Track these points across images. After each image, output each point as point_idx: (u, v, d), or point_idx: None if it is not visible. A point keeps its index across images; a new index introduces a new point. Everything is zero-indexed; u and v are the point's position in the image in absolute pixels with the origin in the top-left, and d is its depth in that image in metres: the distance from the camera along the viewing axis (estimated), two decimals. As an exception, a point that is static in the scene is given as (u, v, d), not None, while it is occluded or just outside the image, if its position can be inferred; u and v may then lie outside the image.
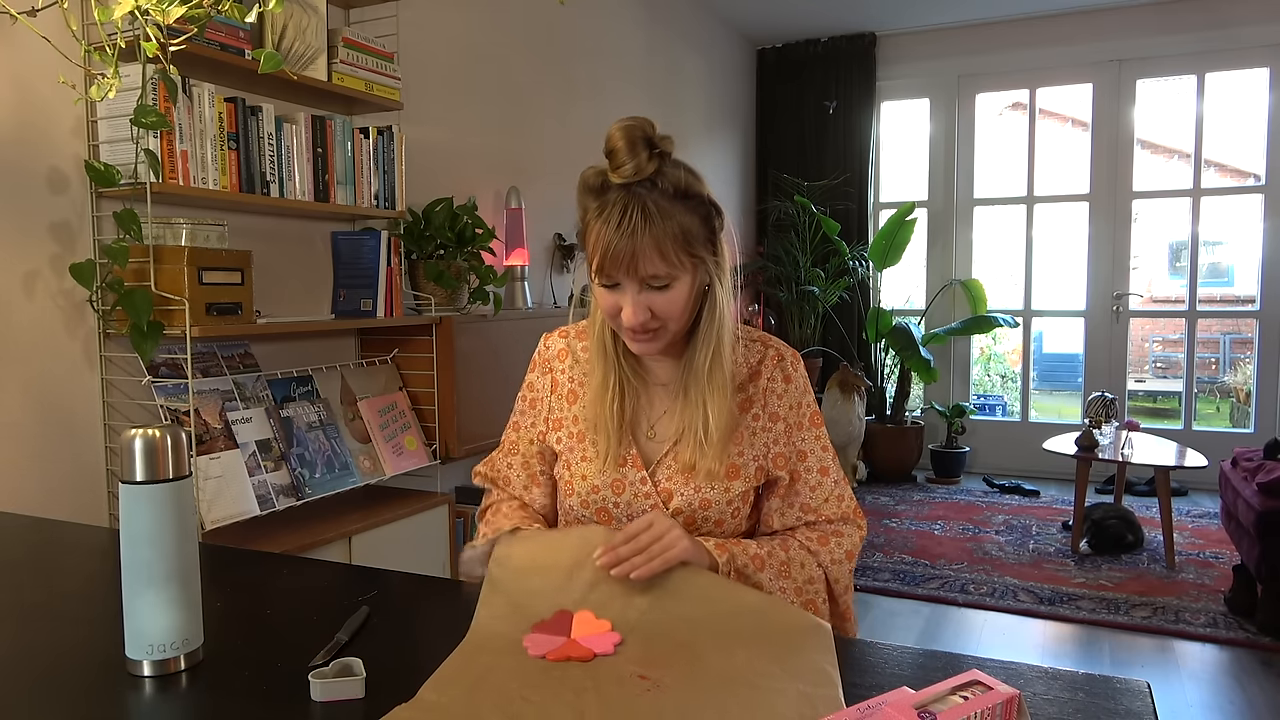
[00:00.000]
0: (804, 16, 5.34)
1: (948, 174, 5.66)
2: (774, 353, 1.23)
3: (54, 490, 1.93)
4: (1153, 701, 0.76)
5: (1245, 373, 5.90)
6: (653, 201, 1.05)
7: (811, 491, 1.21)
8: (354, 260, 2.54)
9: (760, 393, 1.20)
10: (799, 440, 1.21)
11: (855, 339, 5.62)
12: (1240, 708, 2.57)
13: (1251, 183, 5.34)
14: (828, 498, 1.21)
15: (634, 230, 1.04)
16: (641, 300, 1.08)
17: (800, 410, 1.22)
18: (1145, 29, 5.09)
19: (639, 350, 1.14)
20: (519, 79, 3.45)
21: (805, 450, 1.21)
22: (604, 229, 1.05)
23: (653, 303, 1.08)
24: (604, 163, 1.08)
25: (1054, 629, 3.14)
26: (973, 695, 0.61)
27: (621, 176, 1.05)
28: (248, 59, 2.01)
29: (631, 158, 1.04)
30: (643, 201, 1.05)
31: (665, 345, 1.14)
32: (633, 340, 1.13)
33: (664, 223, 1.05)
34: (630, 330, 1.10)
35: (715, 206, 1.11)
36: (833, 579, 1.17)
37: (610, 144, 1.07)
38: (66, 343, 1.96)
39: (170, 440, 0.83)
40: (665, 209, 1.05)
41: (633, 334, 1.11)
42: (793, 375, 1.22)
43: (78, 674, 0.85)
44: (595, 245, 1.07)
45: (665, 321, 1.10)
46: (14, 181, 1.85)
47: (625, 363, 1.19)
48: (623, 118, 1.08)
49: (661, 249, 1.05)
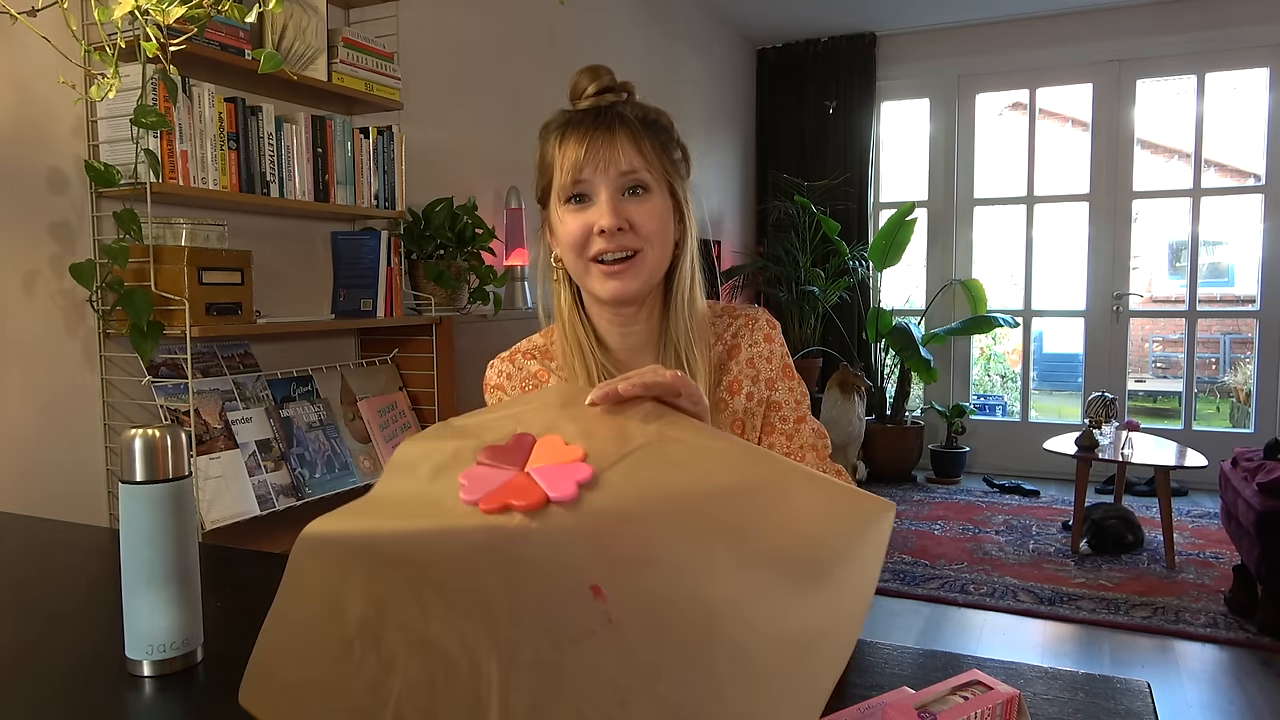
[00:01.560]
0: (804, 16, 5.34)
1: (948, 174, 5.66)
2: (745, 319, 1.15)
3: (54, 490, 1.93)
4: (1153, 701, 0.76)
5: (1245, 373, 5.90)
6: (625, 111, 1.02)
7: (788, 440, 1.13)
8: (354, 260, 2.54)
9: (747, 365, 1.12)
10: (773, 394, 1.13)
11: (855, 339, 5.62)
12: (1240, 708, 2.57)
13: (1251, 183, 5.34)
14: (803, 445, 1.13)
15: (609, 124, 1.00)
16: (619, 207, 1.00)
17: (772, 365, 1.13)
18: (1145, 29, 5.09)
19: (612, 288, 1.02)
20: (519, 79, 3.45)
21: (779, 401, 1.13)
22: (573, 135, 1.00)
23: (629, 212, 1.00)
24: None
25: (1054, 629, 3.14)
26: (973, 695, 0.61)
27: (588, 98, 1.02)
28: (248, 59, 2.01)
29: (595, 79, 1.03)
30: (615, 109, 1.02)
31: (640, 287, 1.03)
32: (606, 274, 1.01)
33: (639, 124, 1.02)
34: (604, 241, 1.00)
35: (685, 150, 1.07)
36: None
37: (572, 81, 1.05)
38: (66, 343, 1.96)
39: (170, 440, 0.83)
40: (640, 119, 1.02)
41: (605, 251, 1.00)
42: (772, 334, 1.14)
43: (78, 674, 0.85)
44: (565, 156, 1.00)
45: (643, 241, 1.01)
46: (14, 181, 1.85)
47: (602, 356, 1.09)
48: None
49: (638, 143, 1.00)
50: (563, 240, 1.04)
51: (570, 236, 1.02)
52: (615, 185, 1.00)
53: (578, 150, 0.99)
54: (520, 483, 0.60)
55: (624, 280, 1.02)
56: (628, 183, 1.01)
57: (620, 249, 1.01)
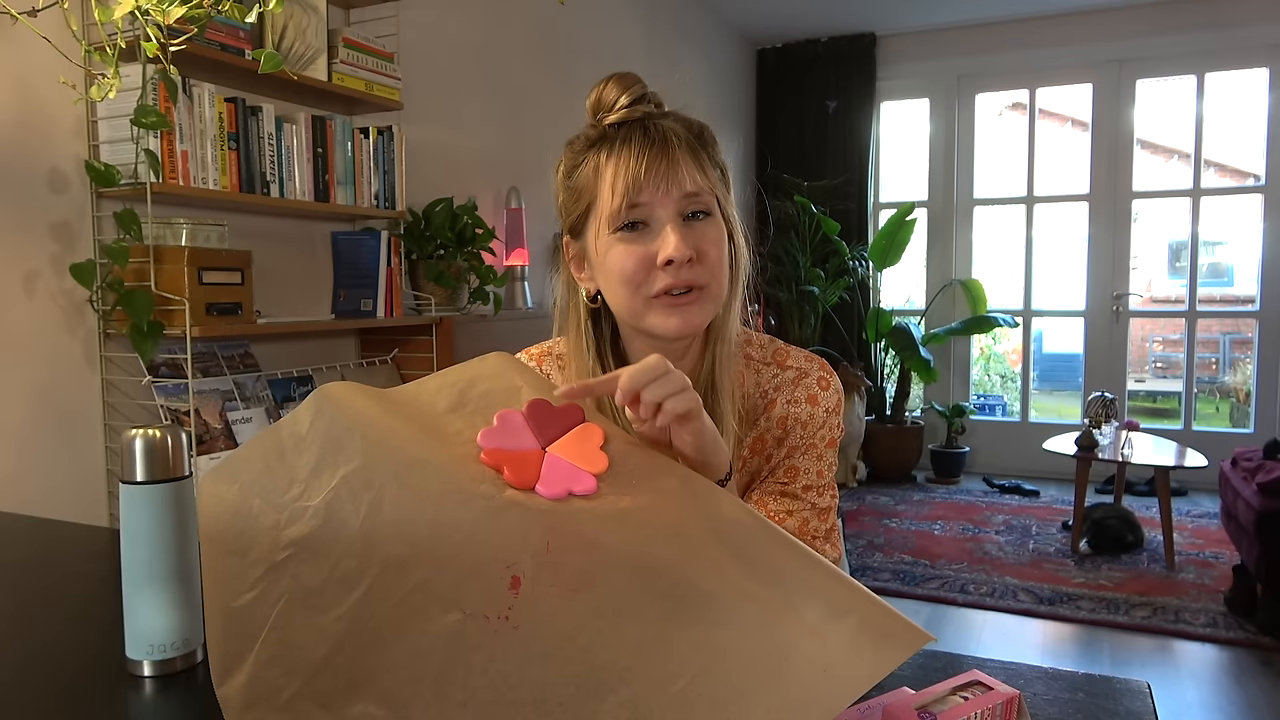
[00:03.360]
0: (804, 16, 5.34)
1: (948, 174, 5.66)
2: (795, 373, 0.99)
3: (54, 490, 1.93)
4: (1153, 701, 0.76)
5: (1245, 373, 5.89)
6: (673, 124, 0.90)
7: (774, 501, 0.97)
8: (354, 260, 2.54)
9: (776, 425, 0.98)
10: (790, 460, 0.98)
11: (855, 339, 5.62)
12: (1240, 708, 2.56)
13: (1251, 183, 5.33)
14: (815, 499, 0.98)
15: (665, 140, 0.87)
16: (688, 235, 0.87)
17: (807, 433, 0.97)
18: (1145, 29, 5.09)
19: (677, 323, 0.89)
20: (519, 79, 3.45)
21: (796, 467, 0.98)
22: (625, 154, 0.87)
23: (696, 240, 0.88)
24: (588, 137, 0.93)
25: (1054, 629, 3.14)
26: (973, 695, 0.61)
27: (620, 110, 0.90)
28: (248, 59, 2.01)
29: (626, 89, 0.91)
30: (661, 124, 0.89)
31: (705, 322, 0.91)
32: (671, 306, 0.88)
33: (692, 138, 0.89)
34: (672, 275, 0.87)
35: (725, 167, 0.95)
36: None
37: (596, 93, 0.92)
38: (66, 343, 1.96)
39: (170, 440, 0.83)
40: (690, 132, 0.90)
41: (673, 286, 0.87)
42: (818, 396, 0.98)
43: (78, 674, 0.85)
44: (615, 178, 0.87)
45: (709, 274, 0.89)
46: (14, 181, 1.85)
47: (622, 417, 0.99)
48: None
49: (698, 159, 0.88)
50: (613, 275, 0.90)
51: (625, 272, 0.88)
52: (677, 210, 0.88)
53: (633, 170, 0.86)
54: (529, 457, 0.60)
55: (690, 314, 0.89)
56: (690, 206, 0.89)
57: (688, 284, 0.88)
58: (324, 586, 0.57)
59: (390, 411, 0.63)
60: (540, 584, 0.53)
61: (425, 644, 0.54)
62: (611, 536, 0.56)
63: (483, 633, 0.53)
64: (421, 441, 0.60)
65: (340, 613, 0.56)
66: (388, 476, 0.58)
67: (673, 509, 0.59)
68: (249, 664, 0.60)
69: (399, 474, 0.58)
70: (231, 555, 0.63)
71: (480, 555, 0.55)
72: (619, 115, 0.90)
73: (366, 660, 0.55)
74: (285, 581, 0.59)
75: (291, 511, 0.60)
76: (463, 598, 0.54)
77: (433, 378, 0.70)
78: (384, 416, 0.62)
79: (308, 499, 0.60)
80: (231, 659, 0.61)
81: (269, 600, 0.60)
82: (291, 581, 0.59)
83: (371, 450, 0.60)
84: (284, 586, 0.59)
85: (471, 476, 0.58)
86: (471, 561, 0.55)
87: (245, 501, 0.63)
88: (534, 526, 0.55)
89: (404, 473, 0.58)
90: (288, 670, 0.58)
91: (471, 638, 0.53)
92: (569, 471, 0.60)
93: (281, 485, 0.62)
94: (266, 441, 0.65)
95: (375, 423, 0.61)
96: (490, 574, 0.54)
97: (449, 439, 0.61)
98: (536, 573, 0.54)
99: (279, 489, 0.62)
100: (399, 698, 0.54)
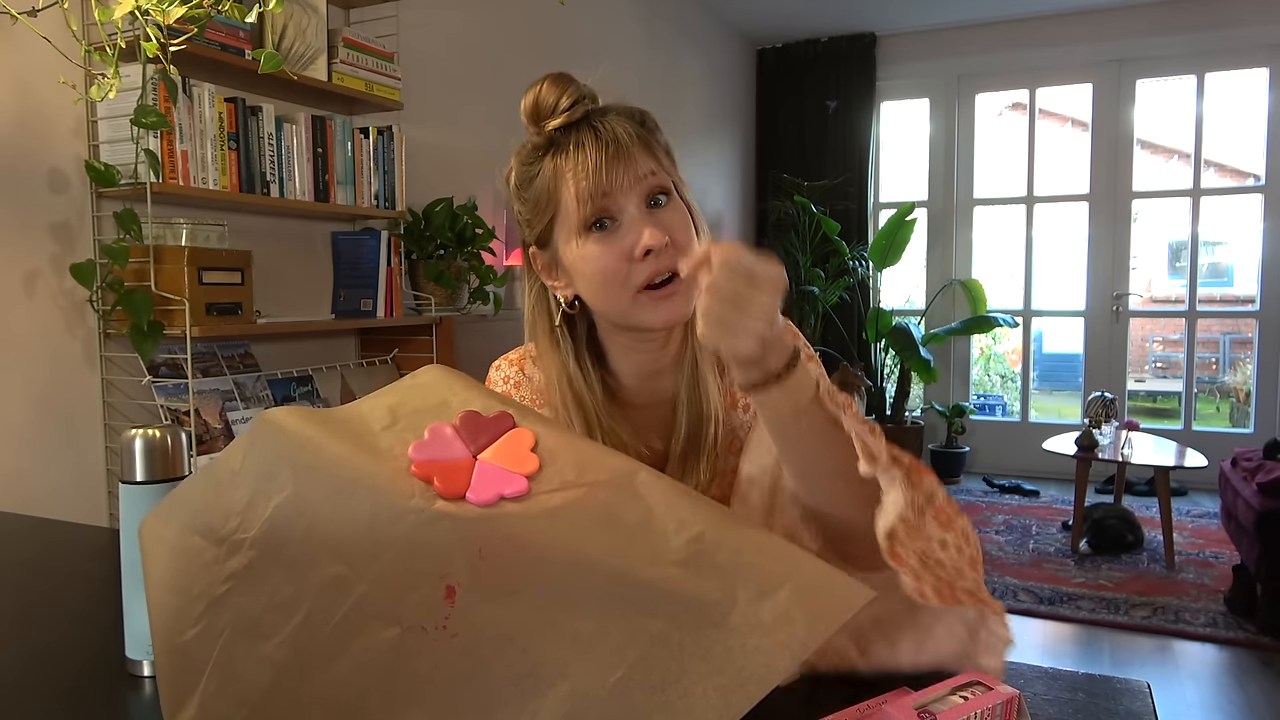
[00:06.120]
0: (804, 16, 5.34)
1: (947, 174, 5.66)
2: None
3: (54, 490, 1.93)
4: (1153, 701, 0.76)
5: (1245, 373, 5.90)
6: (615, 117, 0.91)
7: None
8: (354, 260, 2.54)
9: None
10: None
11: (855, 339, 5.62)
12: (1240, 708, 2.57)
13: (1251, 183, 5.34)
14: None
15: (616, 138, 0.88)
16: (657, 221, 0.88)
17: None
18: (1145, 29, 5.09)
19: (665, 313, 0.89)
20: (519, 79, 3.43)
21: None
22: (581, 158, 0.88)
23: (666, 224, 0.88)
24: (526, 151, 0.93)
25: (1054, 629, 3.14)
26: (973, 695, 0.61)
27: (562, 113, 0.90)
28: (248, 59, 2.01)
29: (564, 90, 0.91)
30: (608, 121, 0.90)
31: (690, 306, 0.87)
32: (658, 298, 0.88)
33: (638, 127, 0.91)
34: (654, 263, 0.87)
35: (669, 147, 0.95)
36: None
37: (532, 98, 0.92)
38: (66, 343, 1.96)
39: (170, 440, 0.83)
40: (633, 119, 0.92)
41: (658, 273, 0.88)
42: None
43: (78, 674, 0.85)
44: (575, 181, 0.88)
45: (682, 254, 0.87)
46: (14, 181, 1.85)
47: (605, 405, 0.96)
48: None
49: (648, 146, 0.90)
50: (593, 276, 0.90)
51: (604, 271, 0.88)
52: (641, 198, 0.89)
53: (593, 174, 0.87)
54: (459, 467, 0.61)
55: (676, 303, 0.89)
56: (650, 191, 0.89)
57: (670, 269, 0.88)
58: (264, 615, 0.59)
59: (327, 432, 0.64)
60: (475, 591, 0.55)
61: (369, 659, 0.56)
62: (543, 536, 0.57)
63: (421, 643, 0.55)
64: (355, 461, 0.61)
65: (282, 639, 0.58)
66: (319, 501, 0.60)
67: (602, 500, 0.59)
68: (197, 696, 0.61)
69: (330, 497, 0.60)
70: (174, 594, 0.64)
71: (414, 568, 0.56)
72: (563, 119, 0.91)
73: (313, 681, 0.57)
74: (227, 615, 0.61)
75: (230, 545, 0.62)
76: (400, 612, 0.55)
77: (370, 396, 0.72)
78: (320, 439, 0.63)
79: (244, 531, 0.61)
80: (181, 692, 0.63)
81: (213, 634, 0.61)
82: (233, 614, 0.60)
83: (302, 477, 0.61)
84: (226, 620, 0.61)
85: (402, 492, 0.58)
86: (406, 576, 0.56)
87: (184, 540, 0.65)
88: (465, 534, 0.56)
89: (335, 496, 0.60)
90: (237, 700, 0.59)
91: (411, 649, 0.55)
92: (499, 476, 0.60)
93: (219, 520, 0.63)
94: (204, 479, 0.68)
95: (306, 448, 0.63)
96: (425, 586, 0.55)
97: (381, 455, 0.62)
98: (471, 580, 0.55)
99: (216, 524, 0.63)
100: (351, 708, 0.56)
